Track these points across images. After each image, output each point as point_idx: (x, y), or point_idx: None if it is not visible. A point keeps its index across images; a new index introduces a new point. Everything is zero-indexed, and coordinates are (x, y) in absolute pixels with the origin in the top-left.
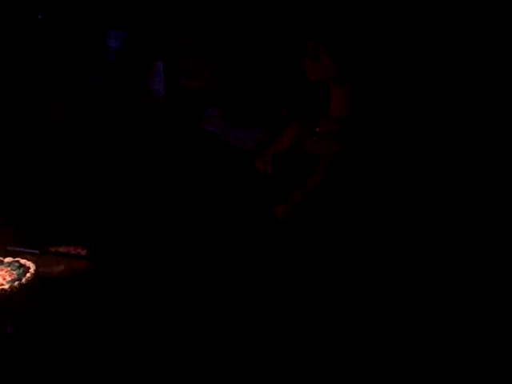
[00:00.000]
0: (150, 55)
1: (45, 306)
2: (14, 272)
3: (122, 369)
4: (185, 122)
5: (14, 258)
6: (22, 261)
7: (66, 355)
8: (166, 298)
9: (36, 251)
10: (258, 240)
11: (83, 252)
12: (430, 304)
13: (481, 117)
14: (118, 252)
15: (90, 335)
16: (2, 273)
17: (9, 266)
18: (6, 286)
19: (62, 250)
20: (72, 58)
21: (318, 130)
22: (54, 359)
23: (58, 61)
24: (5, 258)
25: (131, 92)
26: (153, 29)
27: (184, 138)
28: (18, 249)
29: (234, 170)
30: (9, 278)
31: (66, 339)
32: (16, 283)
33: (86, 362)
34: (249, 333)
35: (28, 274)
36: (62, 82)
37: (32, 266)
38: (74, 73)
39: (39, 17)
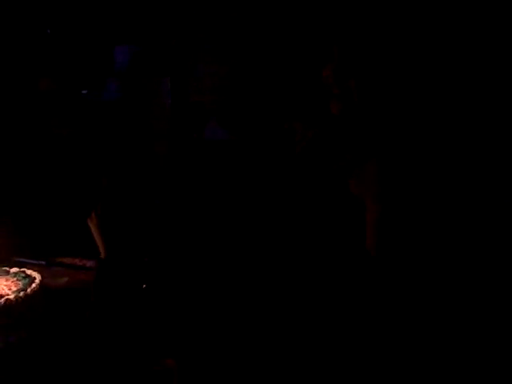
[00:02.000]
0: (157, 70)
1: (49, 317)
2: (20, 282)
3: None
4: (190, 135)
5: (20, 268)
6: (28, 271)
7: (68, 365)
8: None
9: (42, 262)
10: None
11: (88, 264)
12: (431, 305)
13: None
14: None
15: (93, 345)
16: (8, 283)
17: (15, 276)
18: (12, 296)
19: (67, 261)
20: (77, 71)
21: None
22: (57, 369)
23: (63, 73)
24: (11, 268)
25: (138, 106)
26: (160, 45)
27: (190, 150)
28: (24, 260)
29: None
30: (14, 288)
31: (69, 349)
32: (21, 293)
33: (88, 373)
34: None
35: (33, 285)
36: (64, 95)
37: (38, 277)
38: (78, 86)
39: (48, 31)
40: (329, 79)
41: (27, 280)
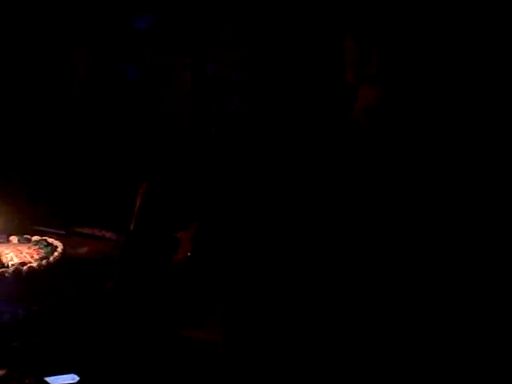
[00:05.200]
0: (177, 41)
1: (70, 285)
2: (42, 250)
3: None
4: (209, 110)
5: (42, 237)
6: (50, 240)
7: (87, 333)
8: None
9: (61, 232)
10: None
11: (108, 234)
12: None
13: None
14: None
15: (115, 317)
16: (30, 251)
17: (37, 244)
18: (34, 264)
19: (86, 231)
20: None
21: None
22: (77, 336)
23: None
24: (33, 236)
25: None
26: (181, 15)
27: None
28: (44, 229)
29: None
30: (37, 256)
31: (90, 318)
32: (44, 261)
33: (107, 341)
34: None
35: (56, 253)
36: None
37: (60, 245)
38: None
39: None
40: (350, 47)
41: (49, 248)
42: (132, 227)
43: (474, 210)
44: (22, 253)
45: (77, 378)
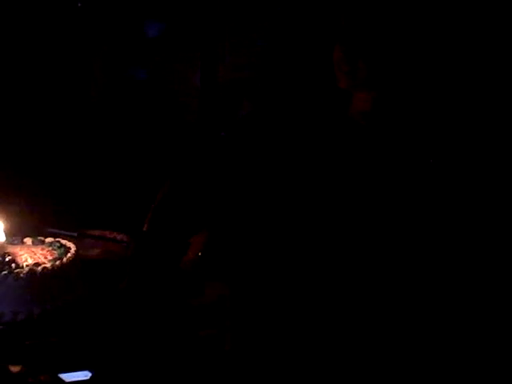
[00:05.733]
0: (189, 46)
1: (83, 285)
2: (55, 252)
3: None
4: (219, 114)
5: (55, 238)
6: (63, 241)
7: (99, 332)
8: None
9: (73, 234)
10: None
11: (119, 237)
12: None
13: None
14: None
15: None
16: (44, 252)
17: (50, 245)
18: (48, 265)
19: (97, 233)
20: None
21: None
22: (90, 335)
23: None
24: (46, 238)
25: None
26: (192, 19)
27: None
28: (57, 231)
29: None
30: (50, 257)
31: (102, 317)
32: (57, 262)
33: (119, 339)
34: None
35: (69, 254)
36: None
37: (72, 247)
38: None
39: (79, 4)
40: (338, 58)
41: (62, 249)
42: (145, 228)
43: (472, 211)
44: (35, 254)
45: (89, 375)
